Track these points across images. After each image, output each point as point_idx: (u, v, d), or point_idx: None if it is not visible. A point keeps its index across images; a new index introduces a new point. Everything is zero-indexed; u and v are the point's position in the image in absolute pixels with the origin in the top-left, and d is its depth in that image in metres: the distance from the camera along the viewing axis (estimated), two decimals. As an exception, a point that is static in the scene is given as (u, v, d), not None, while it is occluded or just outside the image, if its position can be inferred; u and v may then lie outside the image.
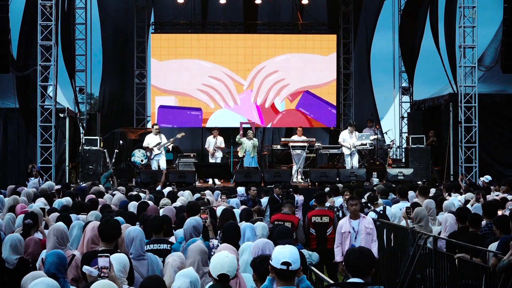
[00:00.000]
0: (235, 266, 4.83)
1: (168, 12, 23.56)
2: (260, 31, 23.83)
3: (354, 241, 9.01)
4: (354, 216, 9.21)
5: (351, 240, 9.07)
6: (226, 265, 4.77)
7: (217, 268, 4.78)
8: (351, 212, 9.27)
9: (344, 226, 9.23)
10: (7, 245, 6.26)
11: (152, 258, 6.12)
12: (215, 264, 4.81)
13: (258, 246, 5.69)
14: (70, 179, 18.44)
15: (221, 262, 4.79)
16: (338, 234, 9.29)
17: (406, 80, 23.18)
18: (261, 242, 5.78)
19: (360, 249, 4.53)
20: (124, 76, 24.18)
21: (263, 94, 22.96)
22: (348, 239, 9.11)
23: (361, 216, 9.25)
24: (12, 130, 19.29)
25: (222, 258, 4.81)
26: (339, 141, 18.77)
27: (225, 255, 4.83)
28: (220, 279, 4.78)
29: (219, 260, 4.80)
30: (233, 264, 4.81)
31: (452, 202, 10.38)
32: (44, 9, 17.86)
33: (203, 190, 13.48)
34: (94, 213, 8.20)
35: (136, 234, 6.08)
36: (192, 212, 7.69)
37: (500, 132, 19.52)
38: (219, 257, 4.84)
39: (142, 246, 6.08)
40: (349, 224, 9.17)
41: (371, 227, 9.18)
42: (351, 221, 9.19)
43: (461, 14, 18.56)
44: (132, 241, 6.04)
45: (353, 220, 9.19)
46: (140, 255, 5.98)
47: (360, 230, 9.08)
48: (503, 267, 6.91)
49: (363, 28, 24.53)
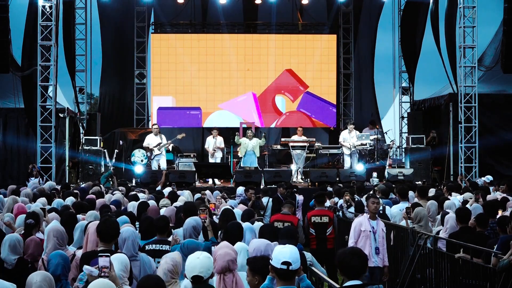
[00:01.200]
0: (208, 266, 4.77)
1: (168, 12, 23.55)
2: (260, 31, 23.83)
3: (375, 242, 8.62)
4: (373, 216, 8.73)
5: (371, 240, 8.63)
6: (197, 266, 4.73)
7: (189, 270, 4.76)
8: (371, 211, 8.77)
9: (364, 225, 8.72)
10: (6, 245, 6.25)
11: (144, 259, 6.06)
12: (187, 266, 4.79)
13: (260, 249, 5.63)
14: (70, 179, 18.44)
15: (193, 264, 4.75)
16: (355, 232, 8.76)
17: (406, 80, 23.18)
18: (262, 244, 5.75)
19: (352, 250, 4.51)
20: (124, 76, 24.18)
21: (263, 94, 22.96)
22: (369, 238, 8.66)
23: (377, 218, 8.82)
24: (12, 130, 19.28)
25: (193, 260, 4.77)
26: (339, 140, 18.80)
27: (196, 256, 4.80)
28: (194, 281, 4.75)
29: (191, 262, 4.77)
30: (205, 265, 4.75)
31: (453, 202, 10.38)
32: (44, 9, 17.87)
33: (203, 190, 13.47)
34: (92, 213, 8.19)
35: (129, 235, 6.05)
36: (188, 213, 7.67)
37: (500, 132, 19.52)
38: (190, 259, 4.81)
39: (134, 247, 6.03)
40: (369, 223, 8.69)
41: (385, 230, 8.87)
42: (370, 221, 8.71)
43: (461, 14, 18.57)
44: (125, 242, 6.02)
45: (371, 220, 8.70)
46: (133, 255, 5.91)
47: (378, 232, 8.68)
48: (503, 267, 6.91)
49: (363, 28, 24.54)
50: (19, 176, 18.67)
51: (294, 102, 23.05)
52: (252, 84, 22.99)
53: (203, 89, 22.82)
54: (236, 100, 22.89)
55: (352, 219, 11.89)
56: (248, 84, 22.98)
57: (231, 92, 22.93)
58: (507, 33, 18.29)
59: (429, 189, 13.22)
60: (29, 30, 18.54)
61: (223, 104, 22.82)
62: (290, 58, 23.05)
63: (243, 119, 22.34)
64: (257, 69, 22.95)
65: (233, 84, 22.95)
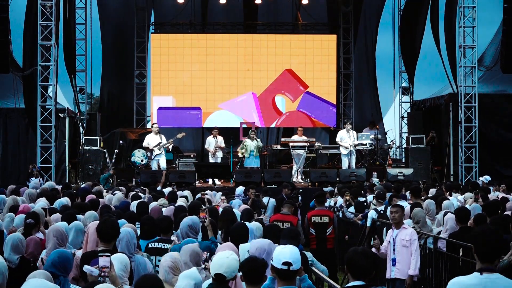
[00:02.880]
0: (233, 268, 4.77)
1: (168, 12, 23.56)
2: (260, 31, 23.84)
3: (393, 253, 8.28)
4: (396, 225, 8.37)
5: (390, 251, 8.33)
6: (224, 265, 4.74)
7: (215, 266, 4.76)
8: (391, 220, 8.56)
9: (388, 235, 8.47)
10: (8, 245, 6.26)
11: (140, 260, 6.01)
12: (214, 263, 4.80)
13: (264, 248, 5.61)
14: (70, 179, 18.44)
15: (220, 262, 4.76)
16: (385, 242, 8.49)
17: (406, 80, 23.19)
18: (265, 243, 5.74)
19: (362, 250, 4.50)
20: (124, 76, 24.18)
21: (263, 94, 22.96)
22: (389, 249, 8.36)
23: (401, 227, 8.33)
24: (12, 130, 19.29)
25: (222, 258, 4.78)
26: (336, 140, 18.73)
27: (227, 256, 4.80)
28: (216, 278, 4.76)
29: (219, 260, 4.78)
30: (232, 266, 4.76)
31: (452, 202, 10.38)
32: (44, 9, 17.86)
33: (203, 190, 13.46)
34: (91, 213, 8.19)
35: (123, 235, 6.03)
36: (193, 212, 7.68)
37: (500, 132, 19.53)
38: (220, 256, 4.82)
39: (129, 247, 6.01)
40: (391, 233, 8.39)
41: (407, 239, 8.21)
42: (393, 230, 8.37)
43: (461, 14, 18.56)
44: (119, 242, 6.02)
45: (395, 230, 8.36)
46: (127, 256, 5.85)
47: (397, 242, 8.27)
48: (503, 267, 6.90)
49: (363, 28, 24.55)
50: (19, 176, 18.67)
51: (294, 102, 23.05)
52: (252, 84, 22.98)
53: (203, 89, 22.82)
54: (236, 100, 22.89)
55: (352, 219, 11.94)
56: (248, 84, 22.98)
57: (231, 92, 22.93)
58: (507, 33, 18.30)
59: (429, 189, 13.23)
60: (29, 30, 18.53)
61: (223, 104, 22.82)
62: (290, 58, 23.05)
63: (243, 119, 22.34)
64: (257, 69, 22.94)
65: (233, 84, 22.95)
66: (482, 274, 4.25)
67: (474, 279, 4.25)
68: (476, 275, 4.27)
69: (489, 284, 4.20)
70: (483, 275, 4.24)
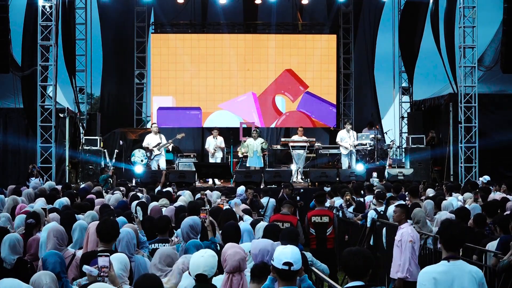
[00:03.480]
0: (212, 265, 4.76)
1: (168, 12, 23.55)
2: (260, 31, 23.83)
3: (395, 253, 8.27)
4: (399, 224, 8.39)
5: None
6: (201, 264, 4.73)
7: (193, 268, 4.76)
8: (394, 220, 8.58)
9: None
10: (6, 245, 6.25)
11: (140, 261, 6.03)
12: (191, 265, 4.79)
13: (267, 249, 5.57)
14: (70, 179, 18.44)
15: (197, 262, 4.76)
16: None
17: (406, 80, 23.19)
18: (268, 244, 5.72)
19: (356, 250, 4.50)
20: (124, 76, 24.18)
21: (263, 94, 22.96)
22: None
23: (401, 227, 8.38)
24: (12, 130, 19.29)
25: (197, 258, 4.78)
26: (336, 140, 18.74)
27: (201, 255, 4.80)
28: (198, 279, 4.75)
29: (195, 260, 4.78)
30: (209, 263, 4.75)
31: (451, 202, 10.38)
32: (44, 9, 17.87)
33: (203, 190, 13.46)
34: (90, 213, 8.19)
35: (123, 235, 6.03)
36: (193, 212, 7.67)
37: (500, 132, 19.51)
38: (194, 257, 4.82)
39: (129, 248, 6.02)
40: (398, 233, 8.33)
41: (399, 239, 8.23)
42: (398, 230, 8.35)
43: (461, 14, 18.56)
44: (119, 242, 6.01)
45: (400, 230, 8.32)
46: (127, 256, 5.85)
47: (396, 241, 8.30)
48: (503, 267, 6.91)
49: (363, 28, 24.53)
50: (19, 176, 18.67)
51: (294, 102, 23.05)
52: (252, 84, 22.98)
53: (203, 89, 22.82)
54: (236, 100, 22.89)
55: (352, 219, 11.94)
56: (248, 84, 22.97)
57: (231, 92, 22.93)
58: (507, 33, 18.30)
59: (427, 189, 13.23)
60: (29, 30, 18.53)
61: (223, 104, 22.81)
62: (290, 58, 23.05)
63: (243, 119, 22.34)
64: (257, 69, 22.94)
65: (233, 84, 22.95)
66: (449, 261, 4.81)
67: (442, 266, 4.81)
68: (443, 263, 4.82)
69: (455, 269, 4.78)
70: (450, 262, 4.81)
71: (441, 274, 4.73)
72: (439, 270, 4.78)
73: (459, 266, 4.80)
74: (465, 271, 4.79)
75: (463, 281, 4.73)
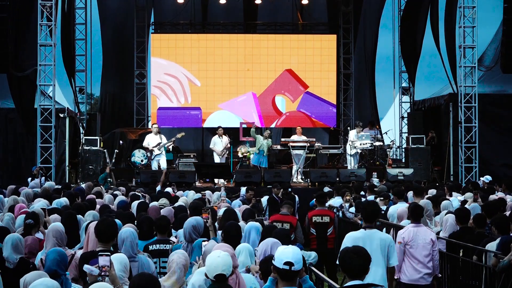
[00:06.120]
0: (229, 264, 4.82)
1: (168, 12, 23.56)
2: (260, 31, 23.83)
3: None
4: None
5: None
6: (219, 265, 4.77)
7: (211, 269, 4.79)
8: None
9: None
10: (8, 245, 6.25)
11: (143, 261, 6.03)
12: (209, 266, 4.81)
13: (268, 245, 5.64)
14: (70, 179, 18.44)
15: (215, 263, 4.78)
16: None
17: (406, 80, 23.19)
18: (270, 241, 5.75)
19: (353, 250, 4.50)
20: (124, 76, 24.16)
21: (263, 94, 22.96)
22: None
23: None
24: (12, 130, 19.27)
25: (214, 259, 4.81)
26: (349, 139, 18.67)
27: (217, 255, 4.83)
28: (217, 280, 4.77)
29: (212, 261, 4.80)
30: (226, 262, 4.80)
31: (450, 202, 10.37)
32: (44, 9, 17.85)
33: (203, 190, 13.46)
34: (91, 213, 8.18)
35: (127, 235, 6.02)
36: (195, 212, 7.66)
37: (500, 132, 19.51)
38: (211, 258, 4.84)
39: (133, 248, 6.01)
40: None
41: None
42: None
43: (461, 14, 18.55)
44: (123, 242, 6.01)
45: None
46: (131, 256, 5.86)
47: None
48: (503, 267, 6.91)
49: (363, 28, 24.53)
50: (19, 176, 18.66)
51: (294, 102, 23.04)
52: (252, 84, 22.97)
53: (203, 89, 22.82)
54: (236, 100, 22.88)
55: (352, 219, 11.93)
56: (248, 84, 22.97)
57: (231, 92, 22.92)
58: (507, 33, 18.29)
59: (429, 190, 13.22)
60: (29, 30, 18.52)
61: (223, 104, 22.81)
62: (290, 58, 23.04)
63: (243, 119, 22.33)
64: (257, 69, 22.93)
65: (233, 84, 22.94)
66: (366, 230, 6.63)
67: (360, 233, 6.64)
68: (361, 230, 6.67)
69: (369, 235, 6.57)
70: (366, 230, 6.63)
71: (358, 239, 6.38)
72: (358, 235, 6.55)
73: (372, 233, 6.59)
74: (375, 237, 6.55)
75: (372, 243, 6.41)
